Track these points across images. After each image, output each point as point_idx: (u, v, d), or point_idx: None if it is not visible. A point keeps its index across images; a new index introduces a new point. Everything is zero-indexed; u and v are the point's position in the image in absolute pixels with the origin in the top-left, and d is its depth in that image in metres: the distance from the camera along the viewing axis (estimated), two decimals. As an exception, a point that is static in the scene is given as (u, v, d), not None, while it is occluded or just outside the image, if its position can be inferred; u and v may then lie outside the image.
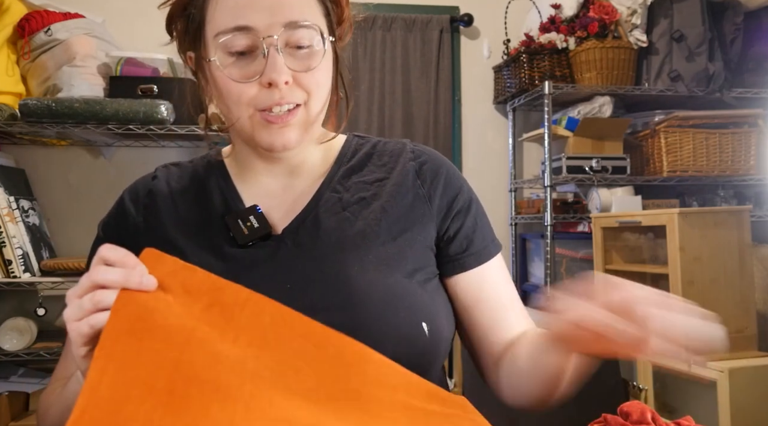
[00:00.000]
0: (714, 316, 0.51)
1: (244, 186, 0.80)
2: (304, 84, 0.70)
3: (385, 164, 0.80)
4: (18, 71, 2.09)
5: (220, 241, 0.74)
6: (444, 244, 0.78)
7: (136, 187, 0.83)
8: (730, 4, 2.37)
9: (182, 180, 0.82)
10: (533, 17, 2.58)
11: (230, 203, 0.78)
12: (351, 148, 0.83)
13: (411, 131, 2.65)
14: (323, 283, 0.69)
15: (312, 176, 0.80)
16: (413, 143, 0.84)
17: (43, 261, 2.01)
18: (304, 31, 0.69)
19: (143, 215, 0.79)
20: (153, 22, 2.47)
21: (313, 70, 0.70)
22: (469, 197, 0.81)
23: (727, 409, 1.73)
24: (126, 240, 0.77)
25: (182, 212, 0.78)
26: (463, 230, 0.79)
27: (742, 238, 1.92)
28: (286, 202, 0.78)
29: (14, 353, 1.96)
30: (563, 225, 2.60)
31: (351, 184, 0.78)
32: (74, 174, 2.38)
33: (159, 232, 0.76)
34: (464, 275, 0.78)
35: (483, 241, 0.80)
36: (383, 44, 2.66)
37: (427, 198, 0.78)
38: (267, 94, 0.69)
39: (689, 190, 2.63)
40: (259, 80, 0.68)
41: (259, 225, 0.73)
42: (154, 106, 1.93)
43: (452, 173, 0.82)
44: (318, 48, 0.70)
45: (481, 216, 0.82)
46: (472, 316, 0.79)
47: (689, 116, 2.38)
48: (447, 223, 0.78)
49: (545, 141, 2.36)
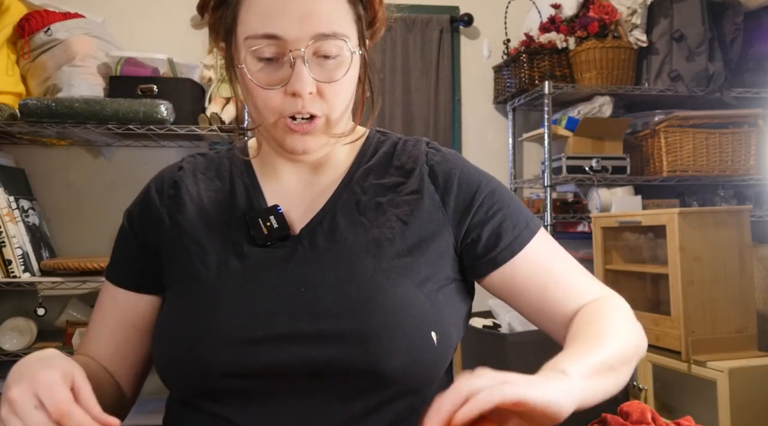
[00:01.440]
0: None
1: (267, 184, 0.81)
2: (326, 94, 0.71)
3: (403, 166, 0.80)
4: (18, 71, 2.09)
5: (240, 238, 0.75)
6: (470, 246, 0.77)
7: (162, 176, 0.84)
8: (730, 4, 2.37)
9: (208, 173, 0.83)
10: (533, 17, 2.58)
11: (253, 201, 0.78)
12: (372, 146, 0.83)
13: (411, 131, 2.65)
14: (336, 289, 0.70)
15: (334, 175, 0.80)
16: (429, 144, 0.83)
17: (43, 261, 2.01)
18: (332, 43, 0.70)
19: (167, 206, 0.80)
20: (153, 22, 2.50)
21: (337, 81, 0.71)
22: (489, 190, 0.79)
23: (727, 409, 1.73)
24: (149, 230, 0.80)
25: (206, 206, 0.79)
26: (488, 226, 0.76)
27: (742, 238, 1.92)
28: (305, 201, 0.78)
29: (14, 353, 1.96)
30: (563, 225, 2.60)
31: (369, 186, 0.78)
32: (74, 174, 2.38)
33: (181, 225, 0.77)
34: (498, 271, 0.77)
35: (513, 230, 0.77)
36: (383, 44, 2.66)
37: (442, 203, 0.77)
38: (291, 103, 0.70)
39: (689, 190, 2.63)
40: (284, 89, 0.70)
41: (279, 225, 0.74)
42: (154, 106, 1.92)
43: (467, 172, 0.80)
44: (345, 59, 0.71)
45: (508, 203, 0.79)
46: (520, 304, 0.78)
47: (689, 116, 2.38)
48: (466, 224, 0.77)
49: (545, 141, 2.36)
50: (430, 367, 0.70)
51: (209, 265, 0.73)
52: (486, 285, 0.79)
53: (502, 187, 0.81)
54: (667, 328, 1.91)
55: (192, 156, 0.86)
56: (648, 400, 2.00)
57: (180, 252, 0.76)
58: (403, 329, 0.67)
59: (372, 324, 0.67)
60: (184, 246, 0.76)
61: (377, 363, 0.66)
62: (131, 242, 0.82)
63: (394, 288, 0.70)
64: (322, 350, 0.66)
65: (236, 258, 0.73)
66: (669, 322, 1.91)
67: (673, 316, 1.89)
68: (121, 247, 0.83)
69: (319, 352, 0.66)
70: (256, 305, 0.70)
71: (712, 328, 1.87)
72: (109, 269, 0.83)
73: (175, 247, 0.77)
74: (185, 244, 0.76)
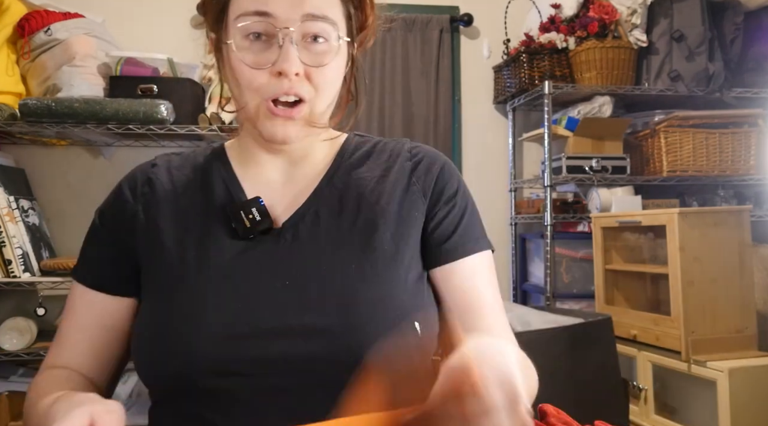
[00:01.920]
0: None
1: (245, 175, 0.79)
2: (313, 79, 0.71)
3: (384, 162, 0.80)
4: (18, 71, 2.09)
5: (221, 232, 0.73)
6: (428, 235, 0.77)
7: (134, 175, 0.82)
8: (730, 4, 2.37)
9: (183, 168, 0.81)
10: (533, 17, 2.58)
11: (233, 194, 0.77)
12: (352, 146, 0.83)
13: (411, 131, 2.65)
14: (320, 282, 0.69)
15: (314, 171, 0.79)
16: (412, 142, 0.84)
17: (42, 261, 2.01)
18: (321, 24, 0.70)
19: (142, 204, 0.78)
20: (153, 22, 2.50)
21: (324, 66, 0.71)
22: (458, 189, 0.80)
23: (727, 409, 1.73)
24: (122, 228, 0.77)
25: (182, 201, 0.77)
26: (446, 221, 0.77)
27: (742, 238, 1.92)
28: (287, 196, 0.77)
29: (14, 353, 1.96)
30: (563, 225, 2.60)
31: (351, 181, 0.78)
32: (74, 174, 2.38)
33: (157, 222, 0.76)
34: (440, 269, 0.77)
35: (463, 237, 0.77)
36: (383, 44, 2.66)
37: (422, 193, 0.78)
38: (276, 83, 0.69)
39: (689, 190, 2.63)
40: (270, 69, 0.69)
41: (261, 218, 0.73)
42: (153, 105, 1.93)
43: (447, 168, 0.81)
44: (333, 45, 0.71)
45: (469, 212, 0.80)
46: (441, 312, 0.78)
47: (689, 116, 2.38)
48: (433, 213, 0.77)
49: (545, 141, 2.36)
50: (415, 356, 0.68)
51: (189, 261, 0.72)
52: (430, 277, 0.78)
53: (471, 199, 0.82)
54: (667, 328, 1.92)
55: (166, 154, 0.85)
56: (648, 400, 2.00)
57: (158, 250, 0.74)
58: (387, 321, 0.67)
59: (356, 315, 0.67)
60: (161, 243, 0.74)
61: (362, 355, 0.65)
62: (105, 242, 0.79)
63: (378, 278, 0.70)
64: (309, 344, 0.66)
65: (217, 252, 0.72)
66: (669, 322, 1.91)
67: (673, 316, 1.89)
68: (93, 247, 0.80)
69: (305, 346, 0.66)
70: (240, 300, 0.69)
71: (712, 328, 1.87)
72: (80, 271, 0.79)
73: (152, 245, 0.75)
74: (163, 241, 0.74)
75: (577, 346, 1.62)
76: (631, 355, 2.06)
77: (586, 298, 2.43)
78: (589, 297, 2.38)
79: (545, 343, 1.60)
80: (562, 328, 1.64)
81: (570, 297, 2.46)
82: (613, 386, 1.69)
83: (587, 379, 1.63)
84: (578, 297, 2.45)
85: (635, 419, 2.01)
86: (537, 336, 1.60)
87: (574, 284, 2.48)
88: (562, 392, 1.31)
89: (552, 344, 1.60)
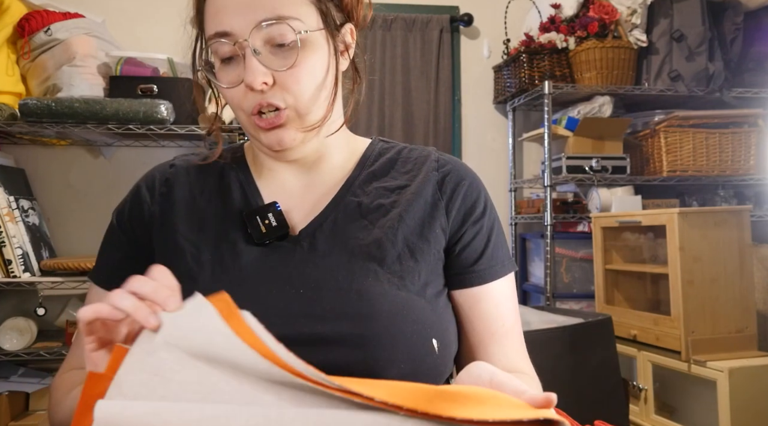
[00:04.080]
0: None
1: (263, 182, 0.78)
2: (285, 83, 0.68)
3: (408, 171, 0.78)
4: (18, 71, 2.09)
5: (237, 237, 0.72)
6: (453, 256, 0.76)
7: (153, 175, 0.81)
8: (730, 4, 2.37)
9: (201, 170, 0.80)
10: (533, 17, 2.58)
11: (249, 199, 0.76)
12: (375, 152, 0.81)
13: (411, 131, 2.65)
14: (335, 292, 0.68)
15: (334, 178, 0.78)
16: (439, 152, 0.82)
17: (43, 261, 2.00)
18: (277, 28, 0.66)
19: (159, 204, 0.77)
20: (153, 22, 2.50)
21: (294, 67, 0.68)
22: (486, 208, 0.78)
23: (727, 409, 1.73)
24: (139, 229, 0.77)
25: (200, 204, 0.76)
26: (474, 243, 0.76)
27: (742, 238, 1.92)
28: (305, 203, 0.76)
29: (14, 353, 1.96)
30: (563, 225, 2.61)
31: (371, 190, 0.76)
32: (74, 174, 2.38)
33: (174, 223, 0.75)
34: (465, 291, 0.76)
35: (491, 260, 0.76)
36: (383, 44, 2.66)
37: (446, 209, 0.76)
38: (252, 98, 0.68)
39: (689, 190, 2.63)
40: (243, 85, 0.68)
41: (278, 224, 0.72)
42: (154, 105, 1.92)
43: (474, 185, 0.79)
44: (296, 42, 0.67)
45: (496, 233, 0.78)
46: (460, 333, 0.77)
47: (689, 116, 2.38)
48: (459, 233, 0.76)
49: (545, 141, 2.36)
50: (431, 375, 0.67)
51: (204, 265, 0.71)
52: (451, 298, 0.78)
53: (498, 219, 0.81)
54: (667, 328, 1.92)
55: (184, 155, 0.84)
56: (648, 400, 2.00)
57: (173, 251, 0.73)
58: (404, 335, 0.65)
59: (372, 328, 0.65)
60: (177, 245, 0.73)
61: (377, 369, 0.63)
62: (122, 243, 0.78)
63: (395, 292, 0.68)
64: (320, 354, 0.63)
65: (232, 257, 0.71)
66: (669, 321, 1.91)
67: (673, 316, 1.89)
68: (111, 247, 0.80)
69: (316, 356, 0.64)
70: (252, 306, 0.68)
71: (712, 328, 1.87)
72: (97, 273, 0.79)
73: (168, 246, 0.74)
74: (179, 243, 0.73)
75: (577, 346, 1.62)
76: (631, 355, 2.06)
77: (586, 298, 2.43)
78: (589, 297, 2.38)
79: (545, 343, 1.60)
80: (562, 328, 1.63)
81: (570, 297, 2.46)
82: (613, 386, 1.69)
83: (587, 379, 1.63)
84: (578, 297, 2.45)
85: (635, 419, 2.01)
86: (537, 336, 1.60)
87: (574, 284, 2.48)
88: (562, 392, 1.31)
89: (552, 344, 1.60)
